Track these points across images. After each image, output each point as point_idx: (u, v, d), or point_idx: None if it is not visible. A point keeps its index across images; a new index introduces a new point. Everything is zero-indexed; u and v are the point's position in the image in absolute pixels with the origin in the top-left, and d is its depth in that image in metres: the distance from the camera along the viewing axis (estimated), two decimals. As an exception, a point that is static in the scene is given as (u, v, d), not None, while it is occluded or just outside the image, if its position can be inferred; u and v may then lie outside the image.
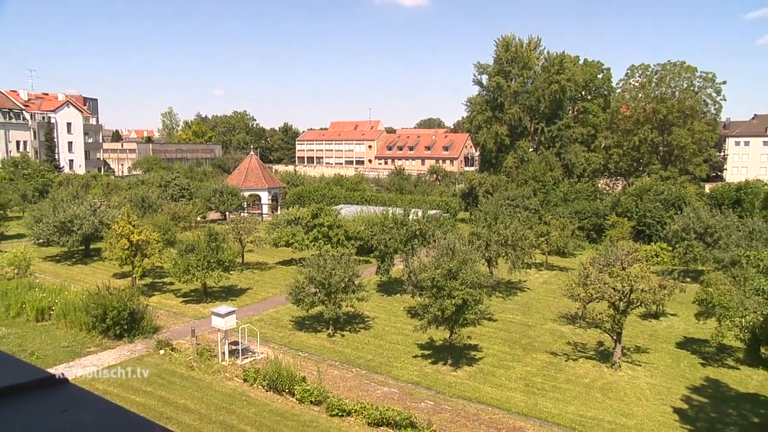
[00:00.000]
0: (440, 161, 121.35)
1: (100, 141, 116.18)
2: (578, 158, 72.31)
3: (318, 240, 39.53)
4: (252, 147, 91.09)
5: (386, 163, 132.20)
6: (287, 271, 38.49)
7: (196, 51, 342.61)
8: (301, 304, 27.47)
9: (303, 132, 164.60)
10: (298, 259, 34.23)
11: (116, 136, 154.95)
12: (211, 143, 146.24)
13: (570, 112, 79.38)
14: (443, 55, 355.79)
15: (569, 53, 74.84)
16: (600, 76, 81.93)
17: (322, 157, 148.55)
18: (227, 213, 61.40)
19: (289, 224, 43.79)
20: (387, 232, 36.26)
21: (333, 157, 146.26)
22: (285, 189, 72.31)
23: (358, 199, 68.11)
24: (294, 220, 44.16)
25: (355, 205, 61.68)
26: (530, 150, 74.78)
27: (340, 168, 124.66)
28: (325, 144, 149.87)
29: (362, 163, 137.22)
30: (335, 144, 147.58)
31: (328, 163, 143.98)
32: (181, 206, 52.94)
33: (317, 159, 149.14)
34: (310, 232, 40.36)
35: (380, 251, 36.14)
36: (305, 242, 39.97)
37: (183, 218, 49.96)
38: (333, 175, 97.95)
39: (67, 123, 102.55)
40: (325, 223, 40.30)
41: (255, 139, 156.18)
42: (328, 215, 41.43)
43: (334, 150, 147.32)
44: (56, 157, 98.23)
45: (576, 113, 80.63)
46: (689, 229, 40.86)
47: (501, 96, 73.66)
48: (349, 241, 40.51)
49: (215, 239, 33.69)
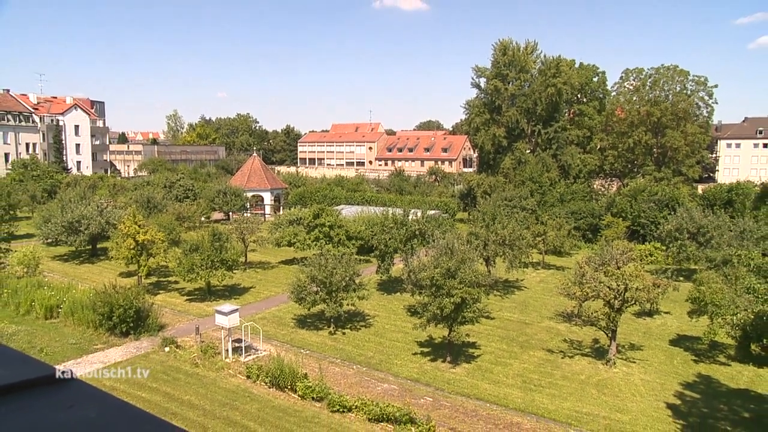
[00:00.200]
0: (439, 162, 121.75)
1: (107, 143, 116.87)
2: (574, 160, 72.86)
3: (319, 240, 39.91)
4: (255, 149, 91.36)
5: (386, 164, 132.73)
6: (289, 271, 38.87)
7: (199, 54, 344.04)
8: (303, 302, 27.80)
9: (305, 134, 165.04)
10: (299, 258, 34.44)
11: (122, 138, 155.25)
12: (215, 145, 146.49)
13: (566, 114, 79.78)
14: (442, 59, 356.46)
15: (565, 57, 75.81)
16: (595, 80, 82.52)
17: (324, 159, 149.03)
18: (231, 213, 61.77)
19: (291, 224, 44.05)
20: (387, 232, 36.62)
21: (334, 159, 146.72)
22: (287, 190, 72.74)
23: (359, 200, 68.49)
24: (296, 220, 44.44)
25: (356, 205, 62.13)
26: (527, 151, 75.32)
27: (341, 169, 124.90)
28: (327, 146, 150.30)
29: (363, 165, 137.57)
30: (336, 146, 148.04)
31: (330, 164, 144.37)
32: (186, 207, 53.64)
33: (319, 160, 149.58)
34: (312, 232, 40.76)
35: (380, 251, 36.50)
36: (307, 242, 40.30)
37: (187, 218, 50.58)
38: (334, 176, 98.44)
39: (75, 125, 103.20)
40: (327, 223, 40.72)
41: (258, 141, 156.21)
42: (330, 215, 41.83)
43: (335, 151, 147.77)
44: (64, 158, 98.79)
45: (572, 116, 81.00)
46: (682, 229, 41.24)
47: (499, 99, 74.25)
48: (349, 241, 40.91)
49: (219, 239, 34.07)
